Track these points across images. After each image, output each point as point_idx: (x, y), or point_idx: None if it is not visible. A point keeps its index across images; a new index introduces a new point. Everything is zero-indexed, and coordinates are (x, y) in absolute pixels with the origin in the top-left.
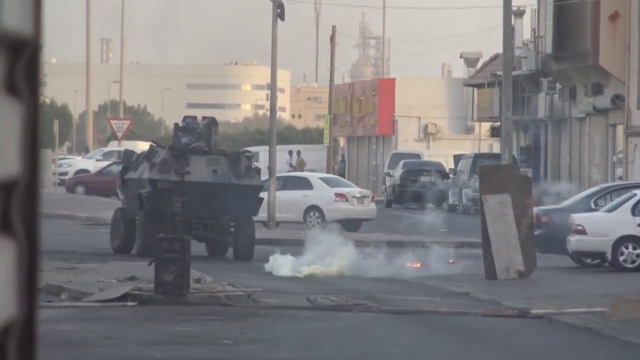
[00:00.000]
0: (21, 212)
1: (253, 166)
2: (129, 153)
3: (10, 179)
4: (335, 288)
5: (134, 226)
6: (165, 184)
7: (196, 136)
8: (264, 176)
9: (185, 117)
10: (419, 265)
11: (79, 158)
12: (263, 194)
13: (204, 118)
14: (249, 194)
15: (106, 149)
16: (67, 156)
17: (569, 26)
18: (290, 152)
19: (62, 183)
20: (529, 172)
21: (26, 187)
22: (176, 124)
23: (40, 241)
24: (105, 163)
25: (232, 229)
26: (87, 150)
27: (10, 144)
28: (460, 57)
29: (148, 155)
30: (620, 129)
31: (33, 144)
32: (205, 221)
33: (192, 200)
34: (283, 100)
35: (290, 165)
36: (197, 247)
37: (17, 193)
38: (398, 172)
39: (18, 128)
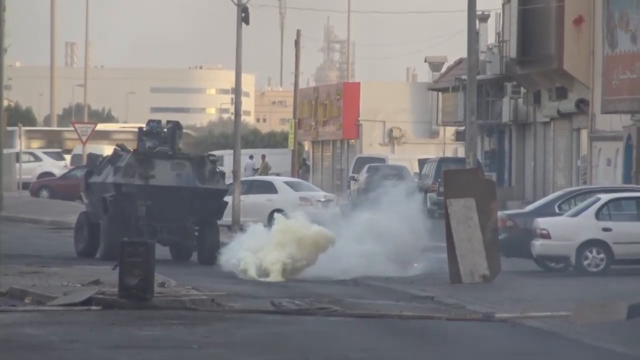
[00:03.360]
0: None
1: (217, 170)
2: (93, 157)
3: None
4: (300, 292)
5: (98, 230)
6: (129, 188)
7: (160, 140)
8: (229, 180)
9: (150, 121)
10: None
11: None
12: (227, 198)
13: (168, 122)
14: (213, 198)
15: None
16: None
17: (534, 31)
18: (251, 157)
19: (25, 186)
20: (493, 176)
21: None
22: (140, 128)
23: None
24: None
25: (196, 233)
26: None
27: None
28: (425, 61)
29: (112, 159)
30: (584, 133)
31: None
32: (169, 225)
33: (157, 204)
34: (248, 104)
35: (253, 169)
36: (162, 251)
37: None
38: (363, 176)
39: None
